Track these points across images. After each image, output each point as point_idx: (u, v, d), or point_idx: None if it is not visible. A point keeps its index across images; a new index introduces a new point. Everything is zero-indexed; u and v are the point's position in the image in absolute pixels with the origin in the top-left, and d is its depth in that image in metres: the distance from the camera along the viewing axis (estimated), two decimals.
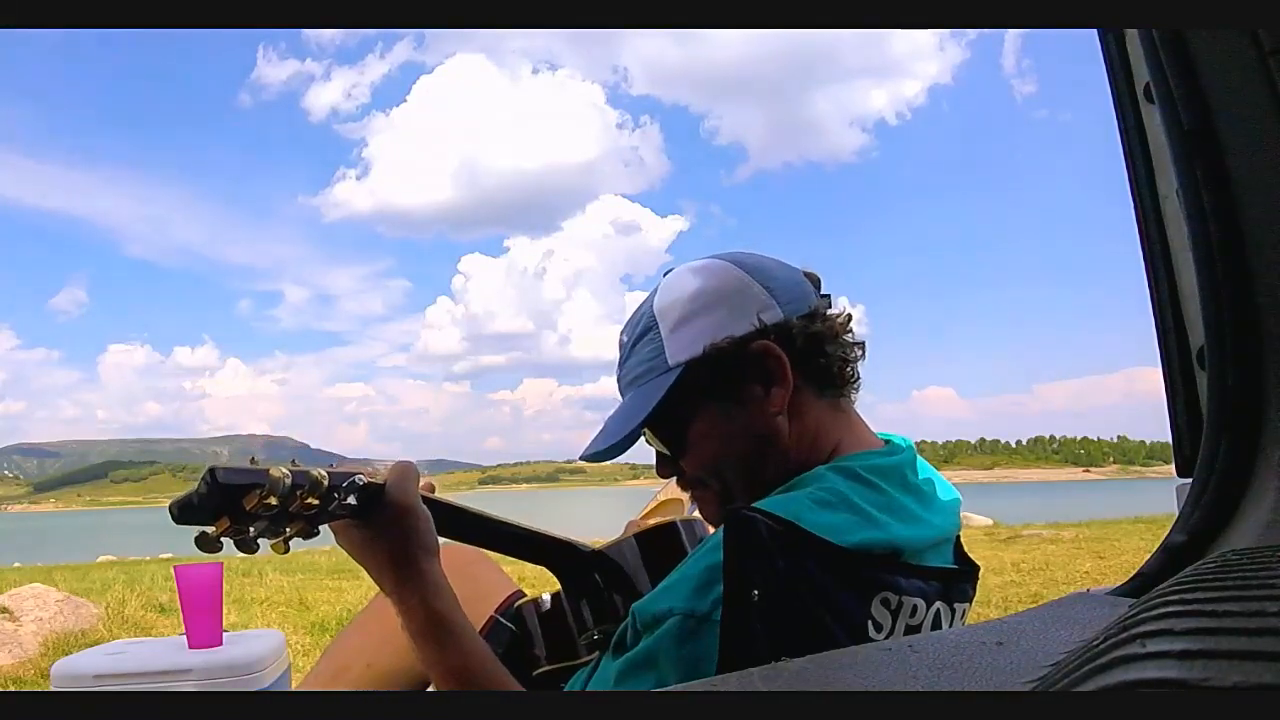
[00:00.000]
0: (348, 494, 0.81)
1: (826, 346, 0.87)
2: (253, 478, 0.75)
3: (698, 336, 0.86)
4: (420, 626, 0.86)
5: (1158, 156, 0.65)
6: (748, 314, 0.85)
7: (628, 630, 0.77)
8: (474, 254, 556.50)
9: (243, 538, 0.77)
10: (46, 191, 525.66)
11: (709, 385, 0.86)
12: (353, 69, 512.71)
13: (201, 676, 2.02)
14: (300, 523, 0.81)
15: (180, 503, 0.75)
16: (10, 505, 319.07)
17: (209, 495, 0.73)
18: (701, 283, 0.88)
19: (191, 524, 0.75)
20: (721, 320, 0.86)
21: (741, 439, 0.86)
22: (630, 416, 0.89)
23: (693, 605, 0.72)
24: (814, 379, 0.87)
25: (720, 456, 0.88)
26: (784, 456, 0.86)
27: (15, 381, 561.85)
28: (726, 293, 0.87)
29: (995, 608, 4.32)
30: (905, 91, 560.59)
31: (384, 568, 0.87)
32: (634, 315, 0.93)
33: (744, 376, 0.85)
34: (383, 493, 0.85)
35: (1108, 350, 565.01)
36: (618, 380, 0.95)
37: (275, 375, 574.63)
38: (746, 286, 0.87)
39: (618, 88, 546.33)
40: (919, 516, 0.82)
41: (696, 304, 0.87)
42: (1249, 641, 0.26)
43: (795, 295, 0.88)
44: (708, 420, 0.87)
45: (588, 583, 1.07)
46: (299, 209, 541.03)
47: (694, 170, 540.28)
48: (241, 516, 0.76)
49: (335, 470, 0.82)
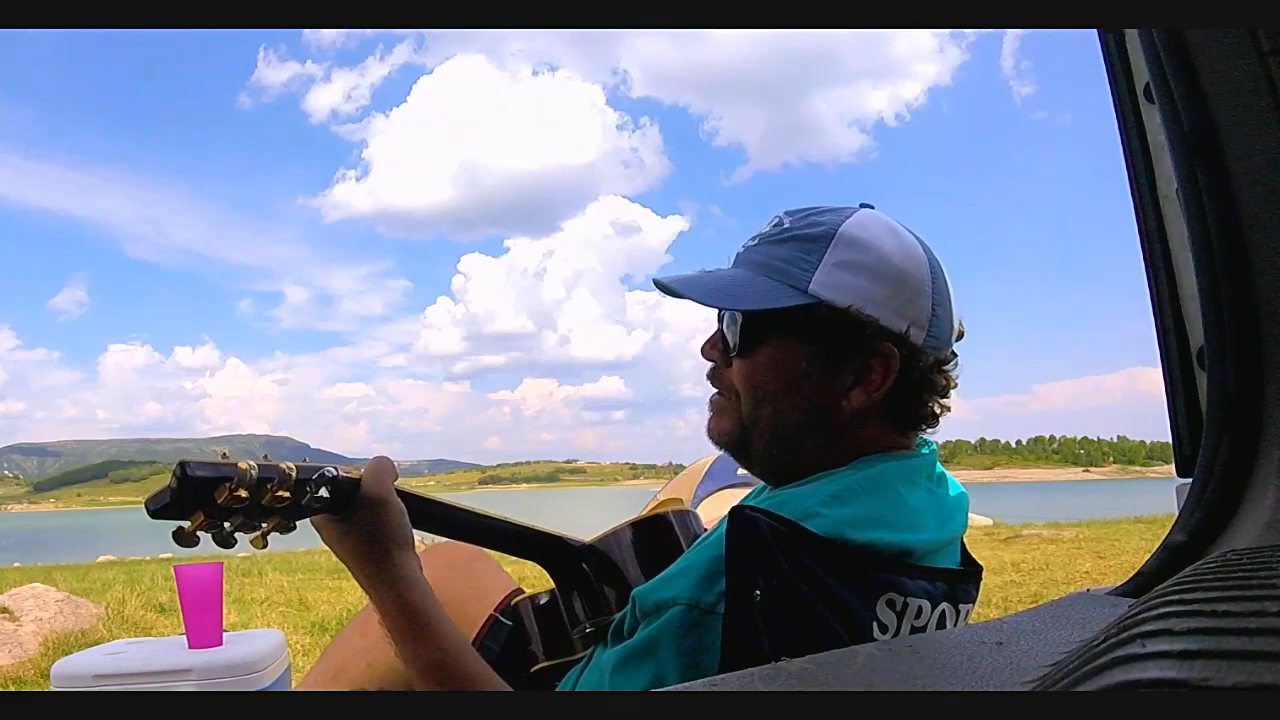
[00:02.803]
0: (319, 487, 0.82)
1: (927, 395, 0.84)
2: (222, 471, 0.77)
3: (852, 291, 0.80)
4: (394, 619, 0.87)
5: (1158, 156, 0.65)
6: (904, 316, 0.81)
7: (627, 617, 0.77)
8: (474, 254, 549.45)
9: (218, 532, 0.79)
10: (47, 191, 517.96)
11: (817, 334, 0.82)
12: (353, 71, 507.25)
13: (201, 676, 2.02)
14: (276, 517, 0.82)
15: (154, 498, 0.77)
16: (10, 505, 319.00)
17: (180, 490, 0.75)
18: (897, 253, 0.82)
19: (166, 519, 0.77)
20: (881, 299, 0.81)
21: (798, 396, 0.83)
22: (735, 294, 0.84)
23: (698, 596, 0.72)
24: (897, 409, 0.84)
25: (770, 391, 0.84)
26: (822, 439, 0.83)
27: (15, 381, 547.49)
28: (906, 283, 0.82)
29: (995, 608, 4.32)
30: (905, 93, 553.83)
31: (357, 560, 0.87)
32: (814, 212, 0.85)
33: (850, 358, 0.81)
34: (358, 487, 0.86)
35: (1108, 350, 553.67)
36: (747, 244, 0.87)
37: (275, 375, 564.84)
38: (922, 294, 0.82)
39: (617, 89, 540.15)
40: (931, 520, 0.82)
41: (877, 265, 0.81)
42: (1249, 641, 0.26)
43: (941, 337, 0.85)
44: (789, 356, 0.83)
45: (579, 577, 1.07)
46: (299, 210, 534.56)
47: (694, 171, 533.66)
48: (214, 511, 0.78)
49: (304, 465, 0.83)
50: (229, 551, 0.81)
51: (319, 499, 0.82)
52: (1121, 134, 0.69)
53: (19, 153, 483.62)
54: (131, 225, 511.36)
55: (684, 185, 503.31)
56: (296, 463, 0.82)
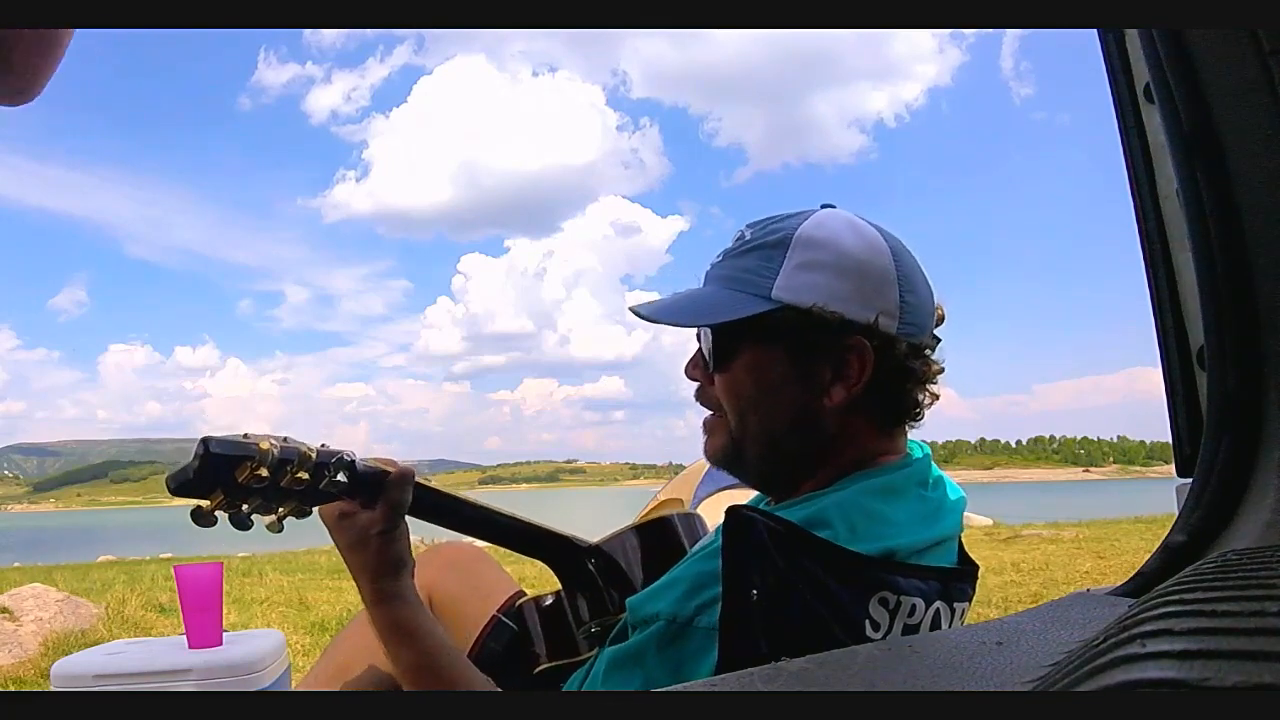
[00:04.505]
0: (337, 471, 0.83)
1: (909, 384, 0.84)
2: (244, 449, 0.77)
3: (813, 290, 0.81)
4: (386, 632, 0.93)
5: (1158, 156, 0.65)
6: (870, 307, 0.81)
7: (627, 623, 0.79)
8: (474, 254, 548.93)
9: (236, 513, 0.79)
10: (47, 191, 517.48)
11: (787, 337, 0.82)
12: (353, 72, 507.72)
13: (201, 676, 2.02)
14: (293, 501, 0.82)
15: (176, 475, 0.77)
16: (10, 505, 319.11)
17: (202, 467, 0.75)
18: (856, 247, 0.83)
19: (187, 497, 0.77)
20: (845, 294, 0.81)
21: (780, 400, 0.84)
22: (701, 312, 0.86)
23: (676, 610, 0.74)
24: (880, 402, 0.84)
25: (751, 400, 0.85)
26: (808, 440, 0.84)
27: (15, 381, 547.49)
28: (869, 274, 0.82)
29: (995, 608, 4.32)
30: (904, 94, 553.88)
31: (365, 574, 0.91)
32: (772, 220, 0.87)
33: (823, 356, 0.82)
34: (379, 482, 0.88)
35: (1108, 350, 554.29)
36: (714, 261, 0.89)
37: (276, 375, 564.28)
38: (888, 283, 0.83)
39: (617, 90, 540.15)
40: (918, 522, 0.82)
41: (837, 261, 0.82)
42: (1249, 641, 0.26)
43: (918, 322, 0.84)
44: (763, 363, 0.84)
45: (584, 577, 1.07)
46: (299, 210, 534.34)
47: (694, 171, 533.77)
48: (234, 490, 0.78)
49: (324, 449, 0.83)
50: (229, 551, 0.82)
51: (336, 483, 0.83)
52: (1121, 134, 0.69)
53: (19, 153, 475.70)
54: (131, 225, 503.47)
55: (684, 186, 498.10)
56: (316, 446, 0.83)
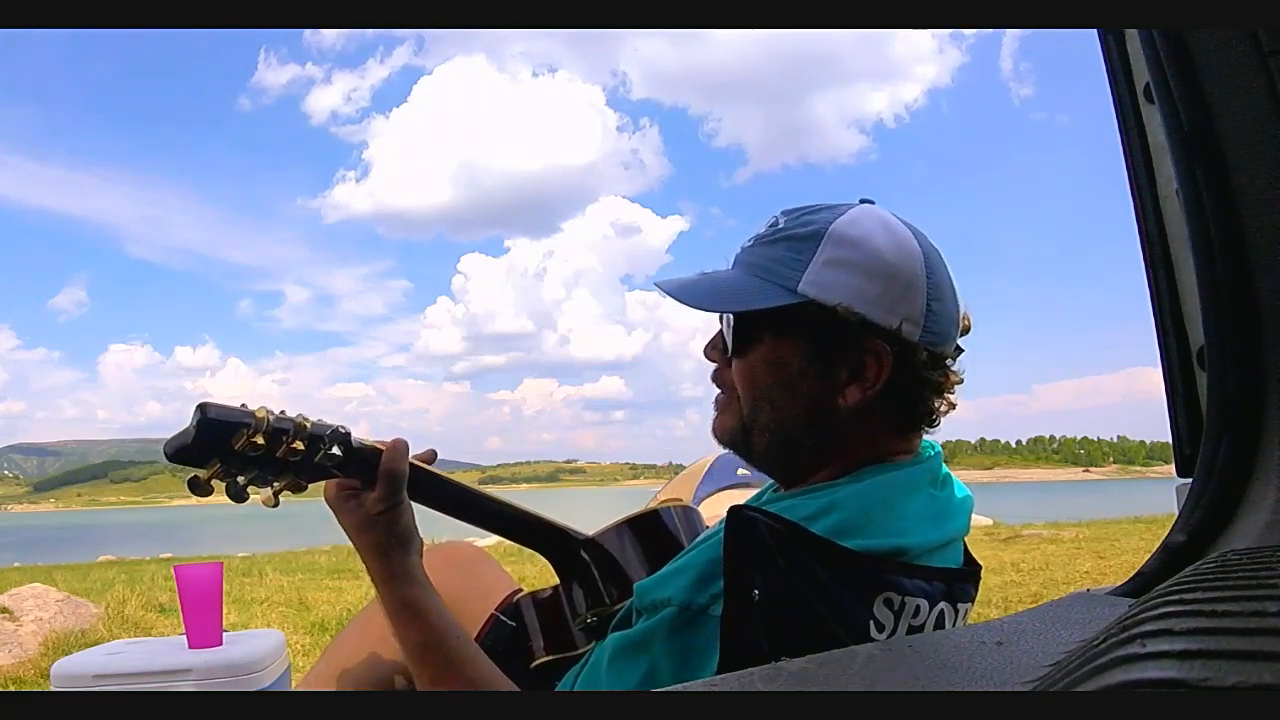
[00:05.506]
0: (332, 443, 0.84)
1: (926, 392, 0.83)
2: (240, 416, 0.78)
3: (840, 289, 0.80)
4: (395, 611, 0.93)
5: (1158, 156, 0.65)
6: (895, 312, 0.80)
7: (632, 609, 0.79)
8: (474, 254, 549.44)
9: (232, 483, 0.80)
10: (47, 192, 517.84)
11: (808, 332, 0.82)
12: (353, 73, 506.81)
13: (201, 676, 2.02)
14: (289, 475, 0.83)
15: (174, 441, 0.78)
16: (10, 505, 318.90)
17: (200, 433, 0.76)
18: (888, 249, 0.81)
19: (183, 464, 0.78)
20: (871, 296, 0.80)
21: (794, 394, 0.83)
22: (725, 297, 0.85)
23: (690, 598, 0.73)
24: (895, 406, 0.83)
25: (766, 390, 0.84)
26: (818, 435, 0.83)
27: (15, 381, 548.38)
28: (898, 278, 0.81)
29: (995, 608, 4.32)
30: (904, 94, 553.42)
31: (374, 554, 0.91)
32: (807, 211, 0.85)
33: (842, 355, 0.81)
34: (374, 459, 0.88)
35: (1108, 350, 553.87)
36: (744, 245, 0.88)
37: (276, 375, 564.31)
38: (916, 290, 0.81)
39: (617, 90, 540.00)
40: (928, 522, 0.82)
41: (867, 261, 0.81)
42: (1249, 641, 0.26)
43: (941, 332, 0.83)
44: (782, 355, 0.83)
45: (580, 568, 1.07)
46: (299, 210, 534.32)
47: (694, 172, 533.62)
48: (231, 458, 0.79)
49: (319, 421, 0.84)
50: (229, 551, 0.82)
51: (331, 456, 0.84)
52: (1121, 134, 0.69)
53: (19, 153, 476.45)
54: (131, 225, 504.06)
55: (684, 186, 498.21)
56: (312, 418, 0.83)
